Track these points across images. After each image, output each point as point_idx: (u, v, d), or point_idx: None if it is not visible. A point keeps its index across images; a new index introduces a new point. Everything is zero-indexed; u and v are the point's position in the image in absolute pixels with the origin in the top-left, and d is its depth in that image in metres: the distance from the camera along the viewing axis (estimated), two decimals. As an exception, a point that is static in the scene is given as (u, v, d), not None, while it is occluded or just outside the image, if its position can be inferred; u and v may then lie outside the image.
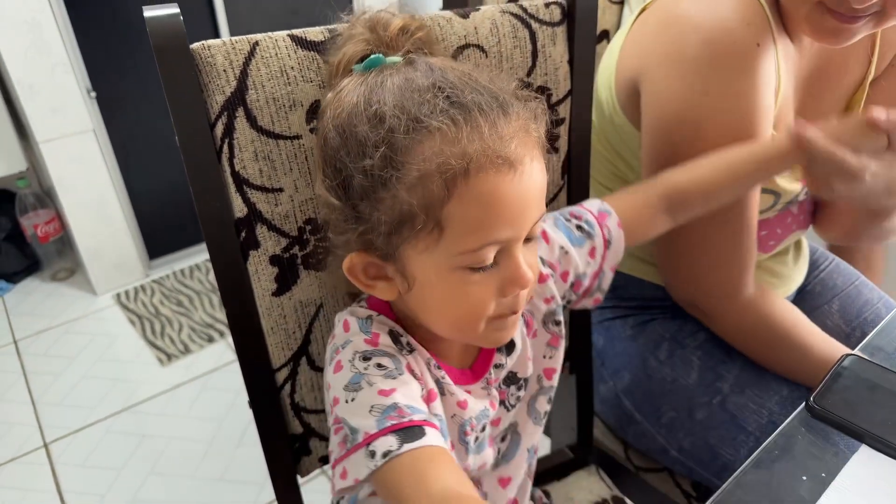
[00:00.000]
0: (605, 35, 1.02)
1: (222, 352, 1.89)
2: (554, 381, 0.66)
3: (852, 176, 0.60)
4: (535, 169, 0.47)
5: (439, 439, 0.45)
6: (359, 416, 0.46)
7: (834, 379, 0.54)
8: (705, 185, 0.65)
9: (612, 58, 0.77)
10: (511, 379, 0.63)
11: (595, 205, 0.66)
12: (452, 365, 0.58)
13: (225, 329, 1.97)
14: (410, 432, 0.44)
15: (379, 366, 0.49)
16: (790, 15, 0.66)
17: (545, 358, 0.65)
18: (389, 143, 0.44)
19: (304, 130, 0.56)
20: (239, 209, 0.56)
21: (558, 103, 0.69)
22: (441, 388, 0.54)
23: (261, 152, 0.55)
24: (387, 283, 0.51)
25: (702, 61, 0.65)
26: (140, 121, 2.07)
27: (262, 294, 0.60)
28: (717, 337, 0.81)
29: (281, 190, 0.57)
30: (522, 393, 0.64)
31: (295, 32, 0.55)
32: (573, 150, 0.72)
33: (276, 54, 0.54)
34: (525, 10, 0.64)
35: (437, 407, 0.53)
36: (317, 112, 0.56)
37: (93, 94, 1.93)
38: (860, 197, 0.63)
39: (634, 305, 0.89)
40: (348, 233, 0.50)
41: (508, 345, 0.60)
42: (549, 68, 0.67)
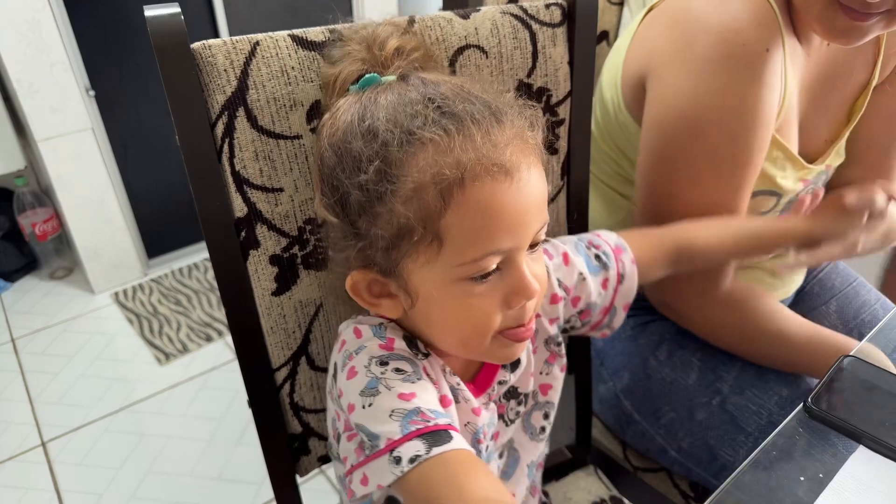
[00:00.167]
0: (605, 36, 1.02)
1: (220, 351, 1.89)
2: (550, 397, 0.66)
3: (849, 254, 0.70)
4: (534, 176, 0.46)
5: (465, 443, 0.44)
6: (378, 422, 0.45)
7: (832, 380, 0.54)
8: (712, 249, 0.69)
9: (619, 56, 0.77)
10: (511, 393, 0.63)
11: (612, 238, 0.66)
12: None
13: (223, 328, 1.97)
14: (437, 436, 0.43)
15: (397, 370, 0.48)
16: (801, 14, 0.65)
17: (541, 374, 0.65)
18: (383, 157, 0.44)
19: (305, 130, 0.56)
20: (239, 209, 0.56)
21: (558, 104, 0.69)
22: (455, 395, 0.54)
23: (261, 152, 0.55)
24: (391, 301, 0.51)
25: (710, 61, 0.65)
26: (139, 120, 2.07)
27: (262, 294, 0.60)
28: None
29: (281, 190, 0.57)
30: (522, 409, 0.64)
31: (296, 32, 0.55)
32: (573, 152, 0.72)
33: (277, 54, 0.54)
34: (525, 11, 0.64)
35: (452, 413, 0.52)
36: (317, 112, 0.56)
37: (91, 93, 1.93)
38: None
39: (635, 306, 0.89)
40: (348, 249, 0.49)
41: (514, 361, 0.60)
42: (550, 69, 0.67)
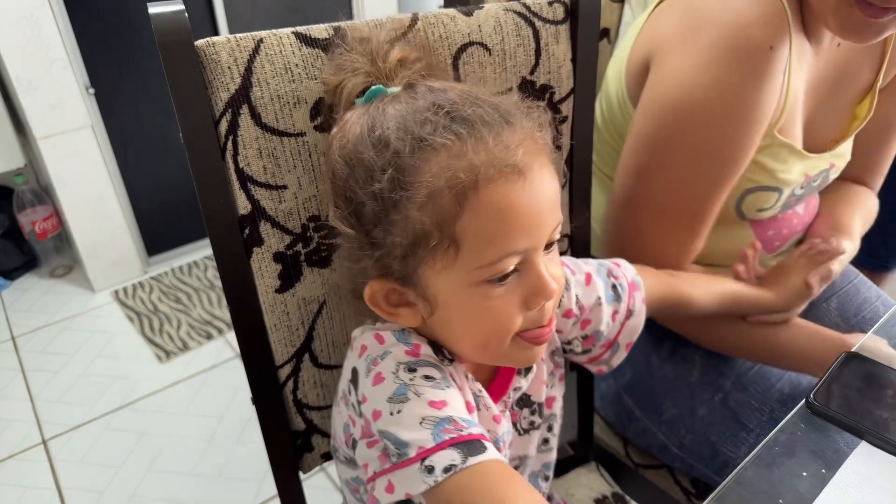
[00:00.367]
0: (606, 33, 1.02)
1: (221, 349, 1.89)
2: (554, 409, 0.66)
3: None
4: (546, 175, 0.47)
5: (498, 454, 0.44)
6: (408, 429, 0.44)
7: (834, 376, 0.54)
8: (700, 305, 0.72)
9: (626, 49, 0.77)
10: (525, 401, 0.63)
11: (630, 272, 0.66)
12: None
13: (223, 326, 1.97)
14: (471, 446, 0.43)
15: (426, 377, 0.47)
16: (815, 10, 0.65)
17: (547, 386, 0.65)
18: (396, 166, 0.45)
19: (309, 128, 0.56)
20: (243, 206, 0.56)
21: (561, 101, 0.69)
22: (477, 403, 0.54)
23: (265, 149, 0.55)
24: (410, 310, 0.51)
25: (712, 52, 0.65)
26: (139, 117, 2.07)
27: (266, 291, 0.60)
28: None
29: (285, 187, 0.57)
30: (536, 419, 0.64)
31: (299, 30, 0.55)
32: (575, 149, 0.72)
33: (281, 51, 0.54)
34: (528, 9, 0.64)
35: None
36: (321, 110, 0.56)
37: (91, 91, 1.92)
38: None
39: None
40: (365, 259, 0.49)
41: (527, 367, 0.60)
42: (553, 66, 0.67)
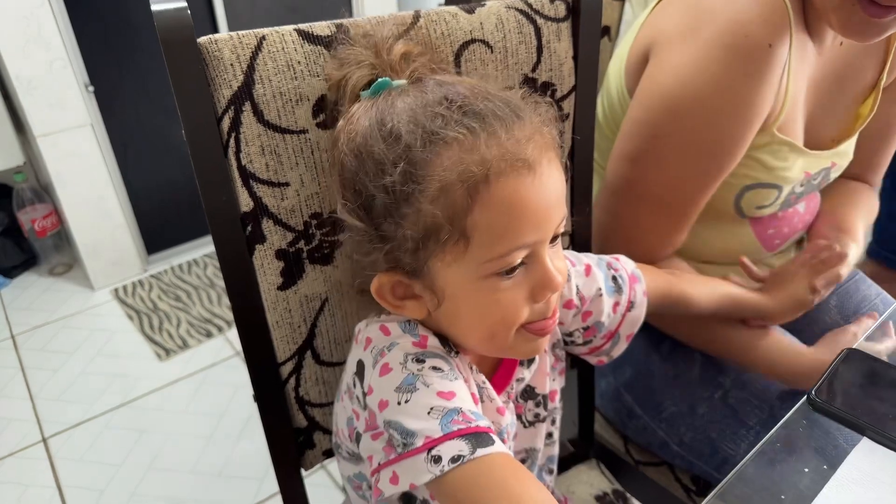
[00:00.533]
0: (606, 31, 1.02)
1: (221, 347, 1.89)
2: (556, 402, 0.66)
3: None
4: (553, 170, 0.47)
5: (505, 448, 0.44)
6: (415, 418, 0.44)
7: (835, 372, 0.55)
8: (698, 305, 0.72)
9: (626, 46, 0.78)
10: (529, 393, 0.63)
11: (630, 266, 0.66)
12: None
13: (223, 324, 1.97)
14: (480, 438, 0.43)
15: (434, 368, 0.48)
16: (817, 9, 0.65)
17: (549, 379, 0.65)
18: (408, 159, 0.45)
19: (311, 125, 0.56)
20: (245, 203, 0.56)
21: (562, 99, 0.69)
22: (481, 394, 0.54)
23: (267, 146, 0.55)
24: (415, 302, 0.51)
25: (709, 47, 0.65)
26: (138, 116, 2.06)
27: (268, 288, 0.60)
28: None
29: (287, 184, 0.57)
30: (541, 411, 0.64)
31: (301, 27, 0.55)
32: (577, 146, 0.72)
33: (283, 49, 0.54)
34: (530, 6, 0.64)
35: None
36: (323, 107, 0.56)
37: (91, 89, 1.92)
38: None
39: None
40: (374, 252, 0.49)
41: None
42: (554, 64, 0.67)
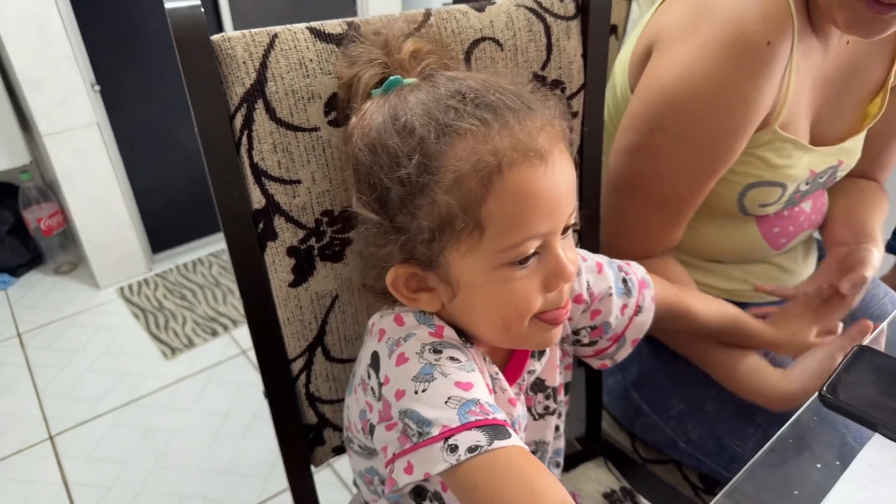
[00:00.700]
0: (614, 30, 1.02)
1: (226, 345, 1.89)
2: (562, 396, 0.67)
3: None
4: (564, 161, 0.48)
5: (522, 442, 0.44)
6: (433, 407, 0.44)
7: (846, 369, 0.55)
8: (702, 324, 0.72)
9: (631, 44, 0.78)
10: (539, 386, 0.63)
11: (640, 271, 0.67)
12: None
13: (229, 323, 1.98)
14: (497, 430, 0.43)
15: (452, 359, 0.48)
16: (821, 6, 0.65)
17: (559, 372, 0.65)
18: (422, 151, 0.45)
19: (323, 123, 0.57)
20: (257, 200, 0.57)
21: (572, 97, 0.69)
22: (493, 385, 0.54)
23: (279, 144, 0.56)
24: (430, 294, 0.52)
25: (707, 44, 0.66)
26: (144, 115, 2.07)
27: (279, 285, 0.60)
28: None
29: (299, 182, 0.58)
30: (551, 403, 0.64)
31: (313, 25, 0.56)
32: (586, 143, 0.72)
33: (295, 46, 0.54)
34: (540, 4, 0.64)
35: None
36: (334, 105, 0.57)
37: (97, 88, 1.93)
38: None
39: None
40: (389, 245, 0.50)
41: (540, 350, 0.60)
42: (564, 62, 0.67)
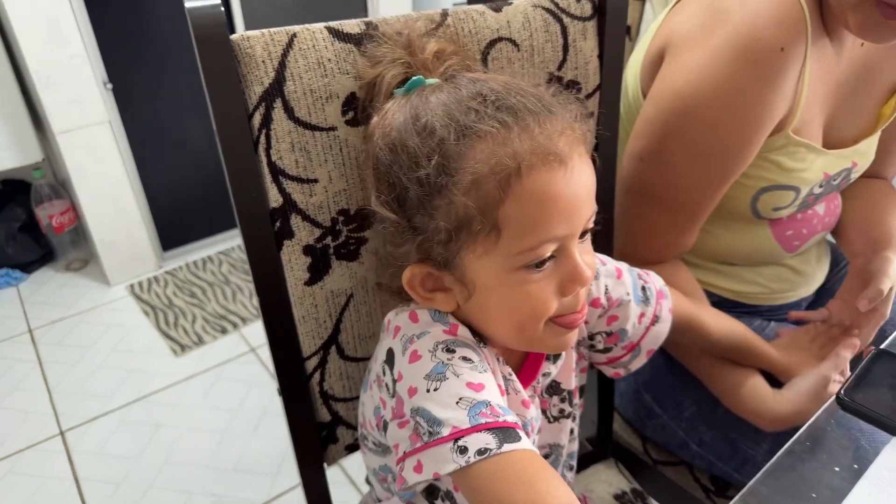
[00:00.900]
0: (627, 31, 1.02)
1: (236, 343, 1.90)
2: (578, 400, 0.67)
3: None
4: (584, 164, 0.48)
5: (532, 445, 0.44)
6: (444, 407, 0.44)
7: (864, 372, 0.55)
8: (712, 340, 0.72)
9: (644, 46, 0.78)
10: (554, 389, 0.63)
11: (659, 282, 0.66)
12: None
13: (238, 321, 1.99)
14: (507, 433, 0.43)
15: (464, 358, 0.48)
16: (834, 10, 0.65)
17: (574, 375, 0.65)
18: (442, 152, 0.46)
19: (340, 122, 0.57)
20: (274, 199, 0.57)
21: (587, 97, 0.69)
22: (506, 386, 0.54)
23: (297, 143, 0.56)
24: (445, 295, 0.52)
25: (720, 50, 0.65)
26: (155, 113, 2.08)
27: (295, 283, 0.61)
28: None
29: (316, 181, 0.58)
30: (566, 406, 0.64)
31: (332, 24, 0.56)
32: (601, 144, 0.72)
33: (314, 46, 0.55)
34: (557, 5, 0.65)
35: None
36: (352, 104, 0.57)
37: (109, 86, 1.94)
38: None
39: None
40: (406, 244, 0.50)
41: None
42: (580, 62, 0.67)
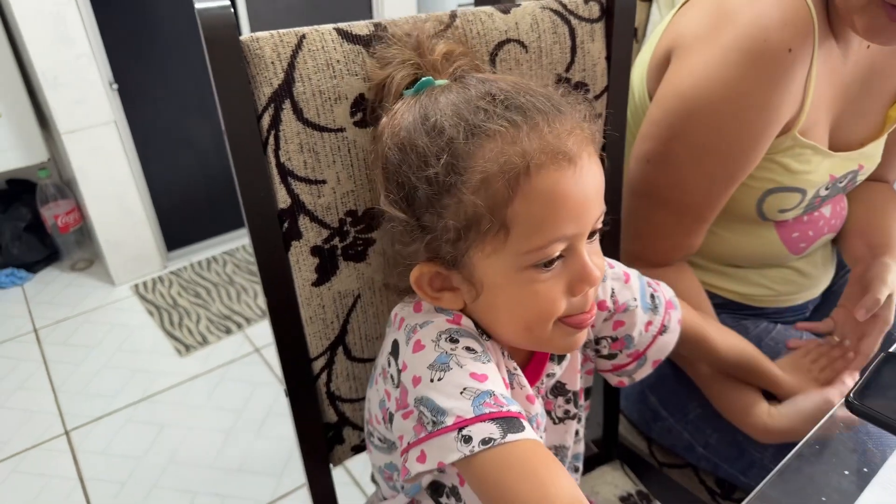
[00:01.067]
0: (634, 32, 1.02)
1: (240, 343, 1.91)
2: (583, 402, 0.67)
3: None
4: (593, 164, 0.48)
5: (536, 435, 0.44)
6: (448, 397, 0.44)
7: (874, 375, 0.54)
8: (718, 352, 0.71)
9: (650, 47, 0.78)
10: (559, 390, 0.63)
11: (669, 292, 0.66)
12: None
13: (242, 321, 1.99)
14: (511, 423, 0.43)
15: (468, 349, 0.48)
16: (841, 12, 0.65)
17: (580, 376, 0.65)
18: (451, 151, 0.46)
19: (349, 123, 0.57)
20: (282, 200, 0.57)
21: (595, 99, 0.69)
22: (511, 380, 0.54)
23: (306, 144, 0.56)
24: (452, 294, 0.52)
25: (727, 51, 0.65)
26: (161, 113, 2.09)
27: (303, 284, 0.61)
28: (746, 333, 0.82)
29: (324, 182, 0.58)
30: (571, 408, 0.64)
31: (341, 26, 0.56)
32: (608, 146, 0.72)
33: (323, 47, 0.55)
34: (565, 7, 0.65)
35: None
36: (361, 106, 0.57)
37: (115, 87, 1.95)
38: None
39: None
40: (415, 243, 0.50)
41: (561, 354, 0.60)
42: (588, 64, 0.67)
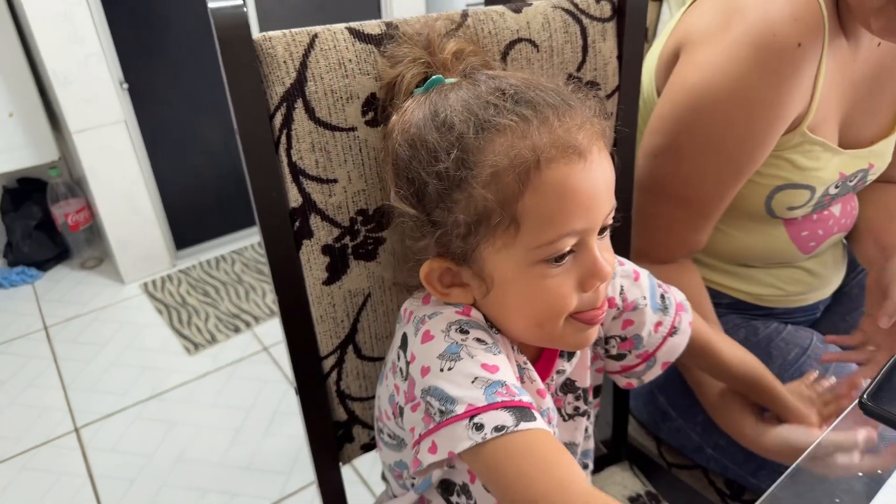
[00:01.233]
0: (645, 32, 1.02)
1: (248, 342, 1.91)
2: (593, 399, 0.66)
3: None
4: (603, 159, 0.48)
5: (547, 426, 0.44)
6: (458, 386, 0.44)
7: (887, 376, 0.54)
8: (723, 363, 0.69)
9: (659, 45, 0.78)
10: (569, 386, 0.63)
11: (680, 295, 0.66)
12: None
13: (251, 320, 2.00)
14: (523, 412, 0.43)
15: (478, 340, 0.48)
16: (854, 11, 0.65)
17: (590, 373, 0.65)
18: (461, 146, 0.46)
19: (360, 123, 0.57)
20: (294, 199, 0.57)
21: (606, 98, 0.69)
22: (521, 374, 0.54)
23: (317, 143, 0.56)
24: (462, 290, 0.52)
25: (736, 46, 0.65)
26: (170, 113, 2.10)
27: (314, 283, 0.61)
28: (756, 334, 0.81)
29: (335, 181, 0.58)
30: (581, 405, 0.64)
31: (353, 25, 0.56)
32: (619, 145, 0.72)
33: (335, 46, 0.55)
34: (576, 6, 0.64)
35: None
36: (372, 105, 0.57)
37: (125, 86, 1.96)
38: None
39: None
40: (425, 238, 0.50)
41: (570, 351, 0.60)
42: (599, 63, 0.67)
